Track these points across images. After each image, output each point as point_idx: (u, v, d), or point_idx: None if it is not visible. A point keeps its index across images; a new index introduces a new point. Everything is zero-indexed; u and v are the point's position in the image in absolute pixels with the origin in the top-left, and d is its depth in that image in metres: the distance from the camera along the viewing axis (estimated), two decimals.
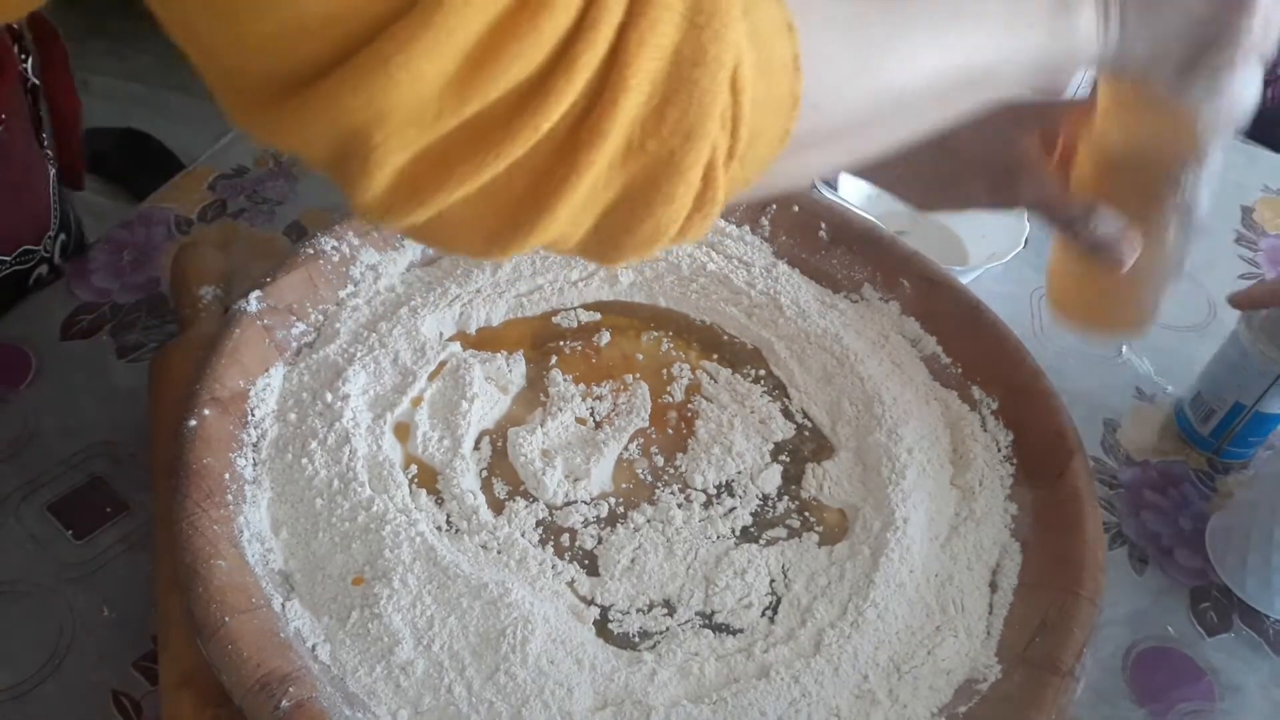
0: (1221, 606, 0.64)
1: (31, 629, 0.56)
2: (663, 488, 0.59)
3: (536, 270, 0.68)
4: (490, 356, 0.64)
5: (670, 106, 0.29)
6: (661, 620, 0.54)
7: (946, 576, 0.56)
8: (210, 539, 0.50)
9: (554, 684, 0.49)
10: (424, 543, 0.53)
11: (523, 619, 0.50)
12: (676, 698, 0.51)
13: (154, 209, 0.79)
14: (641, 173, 0.30)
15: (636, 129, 0.29)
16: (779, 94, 0.32)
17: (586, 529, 0.57)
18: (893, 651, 0.53)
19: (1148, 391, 0.75)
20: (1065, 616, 0.52)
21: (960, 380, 0.65)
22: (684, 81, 0.29)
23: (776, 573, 0.56)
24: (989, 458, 0.62)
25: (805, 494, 0.60)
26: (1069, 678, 0.50)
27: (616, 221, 0.31)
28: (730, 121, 0.30)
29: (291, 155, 0.52)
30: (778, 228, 0.72)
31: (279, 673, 0.46)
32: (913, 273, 0.68)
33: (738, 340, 0.68)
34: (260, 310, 0.60)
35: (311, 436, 0.57)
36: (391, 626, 0.50)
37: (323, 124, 0.26)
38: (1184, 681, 0.60)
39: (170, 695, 0.51)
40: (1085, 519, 0.56)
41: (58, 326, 0.70)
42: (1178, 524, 0.68)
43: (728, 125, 0.30)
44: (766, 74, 0.31)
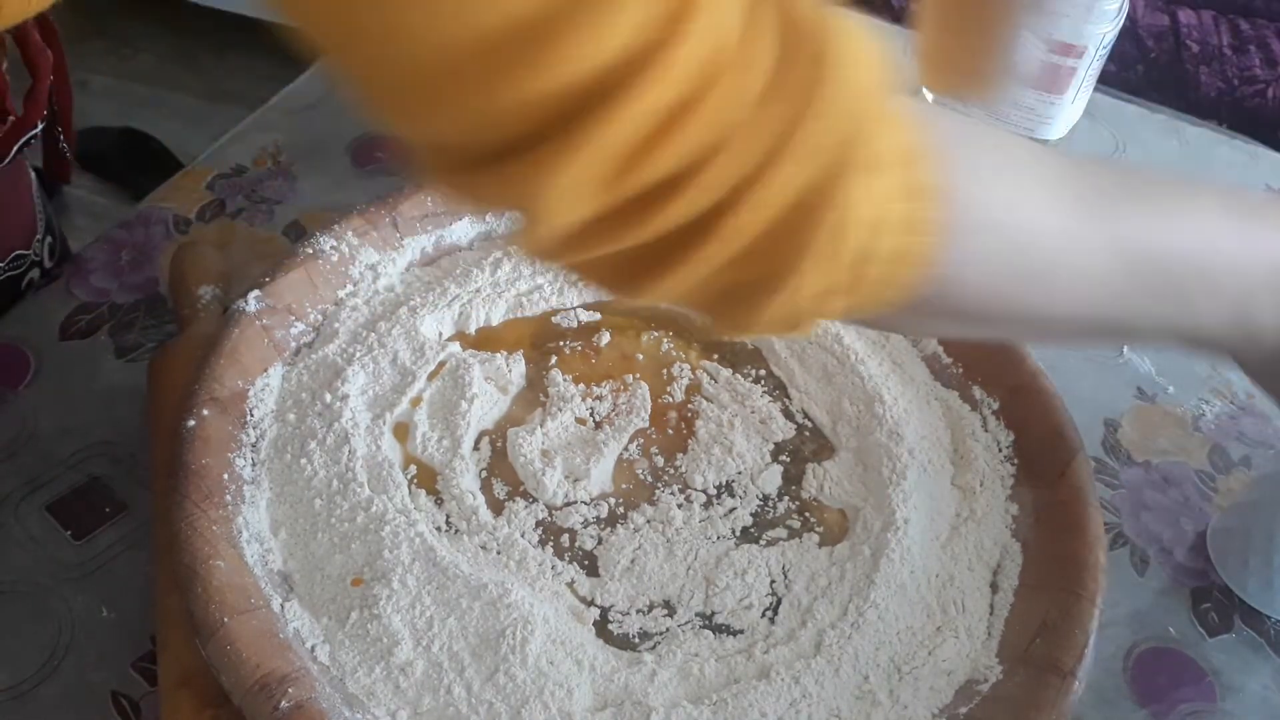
0: (1223, 607, 0.64)
1: (30, 629, 0.56)
2: (663, 488, 0.59)
3: (536, 270, 0.67)
4: (490, 356, 0.63)
5: (785, 237, 0.33)
6: (661, 621, 0.54)
7: (947, 577, 0.56)
8: (209, 539, 0.50)
9: (554, 685, 0.49)
10: (423, 543, 0.53)
11: (522, 619, 0.50)
12: (676, 698, 0.50)
13: (152, 209, 0.79)
14: (750, 277, 0.34)
15: (754, 243, 0.33)
16: (905, 255, 0.35)
17: (586, 529, 0.57)
18: (893, 652, 0.53)
19: (1149, 391, 0.75)
20: (1066, 617, 0.52)
21: (961, 380, 0.65)
22: (807, 218, 0.33)
23: (777, 573, 0.56)
24: (990, 458, 0.62)
25: (806, 494, 0.60)
26: (1070, 678, 0.50)
27: (733, 301, 0.36)
28: (847, 265, 0.34)
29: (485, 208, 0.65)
30: None
31: (278, 673, 0.46)
32: None
33: (738, 340, 0.68)
34: (259, 310, 0.60)
35: (310, 437, 0.57)
36: (391, 627, 0.50)
37: (508, 194, 0.33)
38: (1185, 682, 0.60)
39: (169, 696, 0.51)
40: (1086, 519, 0.56)
41: (56, 326, 0.70)
42: (1179, 524, 0.67)
43: (842, 265, 0.34)
44: (902, 232, 0.35)
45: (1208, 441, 0.73)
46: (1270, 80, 1.24)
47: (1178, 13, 1.28)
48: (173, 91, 1.97)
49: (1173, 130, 0.97)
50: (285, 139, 0.85)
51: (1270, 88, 1.24)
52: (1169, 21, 1.27)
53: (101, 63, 2.02)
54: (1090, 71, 0.82)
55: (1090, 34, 0.79)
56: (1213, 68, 1.26)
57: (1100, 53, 0.80)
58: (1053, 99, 0.83)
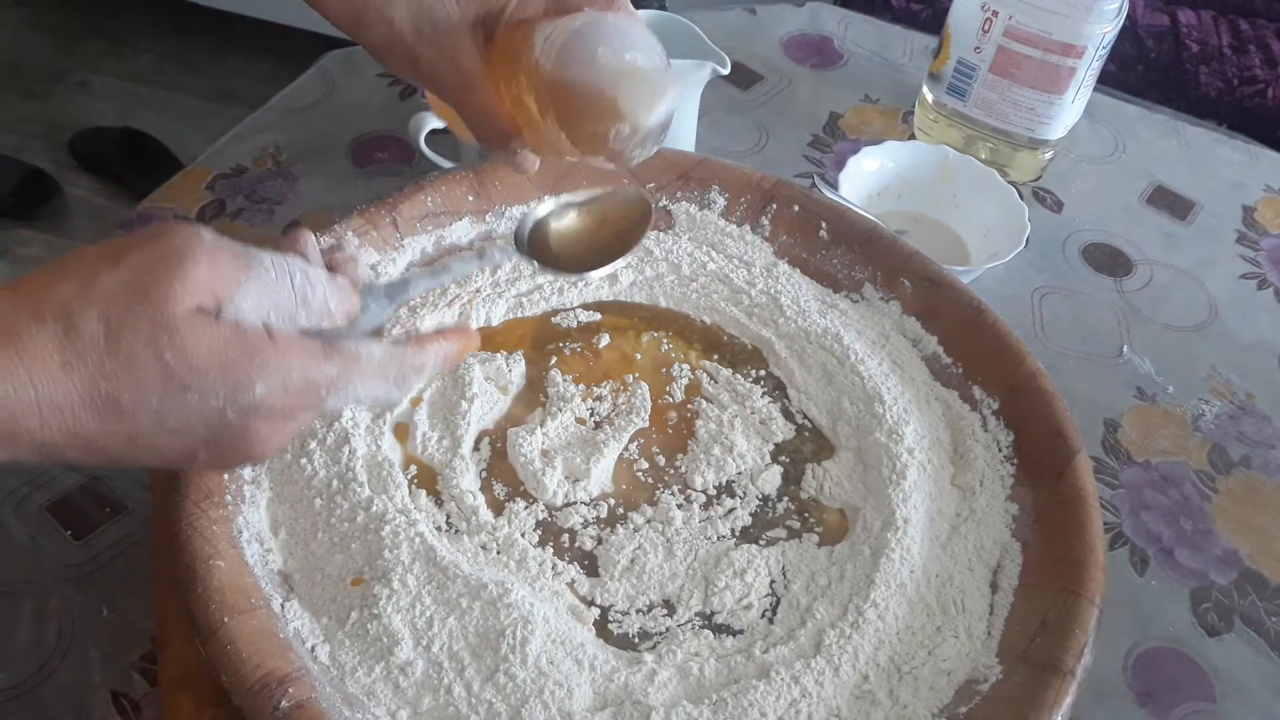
0: (1222, 607, 0.64)
1: (31, 629, 0.56)
2: (663, 488, 0.59)
3: (536, 270, 0.67)
4: (490, 356, 0.64)
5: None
6: (661, 621, 0.54)
7: (947, 577, 0.56)
8: (209, 539, 0.50)
9: (553, 684, 0.49)
10: (423, 543, 0.53)
11: (522, 619, 0.50)
12: (676, 698, 0.50)
13: (152, 208, 0.79)
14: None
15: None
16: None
17: (586, 529, 0.57)
18: (893, 652, 0.53)
19: (1148, 391, 0.75)
20: (1066, 617, 0.52)
21: (961, 380, 0.65)
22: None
23: (776, 573, 0.56)
24: (990, 458, 0.62)
25: (805, 494, 0.60)
26: (1070, 678, 0.50)
27: None
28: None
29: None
30: (778, 227, 0.72)
31: (278, 673, 0.46)
32: (913, 272, 0.68)
33: (738, 340, 0.68)
34: None
35: (310, 436, 0.57)
36: (391, 627, 0.50)
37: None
38: (1185, 682, 0.60)
39: (169, 695, 0.51)
40: (1086, 519, 0.56)
41: None
42: (1179, 524, 0.68)
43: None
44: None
45: (1207, 441, 0.73)
46: (1270, 80, 1.24)
47: (1178, 13, 1.28)
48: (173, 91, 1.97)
49: (1173, 130, 0.97)
50: (285, 139, 0.85)
51: (1270, 87, 1.24)
52: (1169, 21, 1.27)
53: (101, 63, 2.02)
54: (1090, 71, 0.82)
55: (1090, 34, 0.79)
56: (1213, 68, 1.26)
57: (1100, 53, 0.81)
58: (1053, 99, 0.83)
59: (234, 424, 0.37)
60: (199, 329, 0.35)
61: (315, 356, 0.38)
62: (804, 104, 0.95)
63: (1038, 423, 0.61)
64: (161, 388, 0.35)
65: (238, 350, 0.36)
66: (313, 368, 0.38)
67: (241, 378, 0.36)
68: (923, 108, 0.91)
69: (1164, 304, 0.82)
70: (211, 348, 0.36)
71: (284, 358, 0.37)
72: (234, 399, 0.36)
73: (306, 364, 0.38)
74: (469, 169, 0.69)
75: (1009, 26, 0.81)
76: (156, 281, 0.35)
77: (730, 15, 1.03)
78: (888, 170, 0.83)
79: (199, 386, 0.36)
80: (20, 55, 2.03)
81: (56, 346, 0.34)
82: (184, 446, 0.37)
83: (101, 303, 0.35)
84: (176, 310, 0.35)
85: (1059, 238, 0.86)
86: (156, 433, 0.36)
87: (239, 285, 0.37)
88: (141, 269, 0.35)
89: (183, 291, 0.35)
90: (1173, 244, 0.87)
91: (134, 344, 0.35)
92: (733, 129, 0.91)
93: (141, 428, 0.36)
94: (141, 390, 0.35)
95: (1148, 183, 0.92)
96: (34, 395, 0.34)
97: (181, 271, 0.35)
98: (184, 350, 0.35)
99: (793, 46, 1.01)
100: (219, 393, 0.36)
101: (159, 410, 0.36)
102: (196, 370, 0.35)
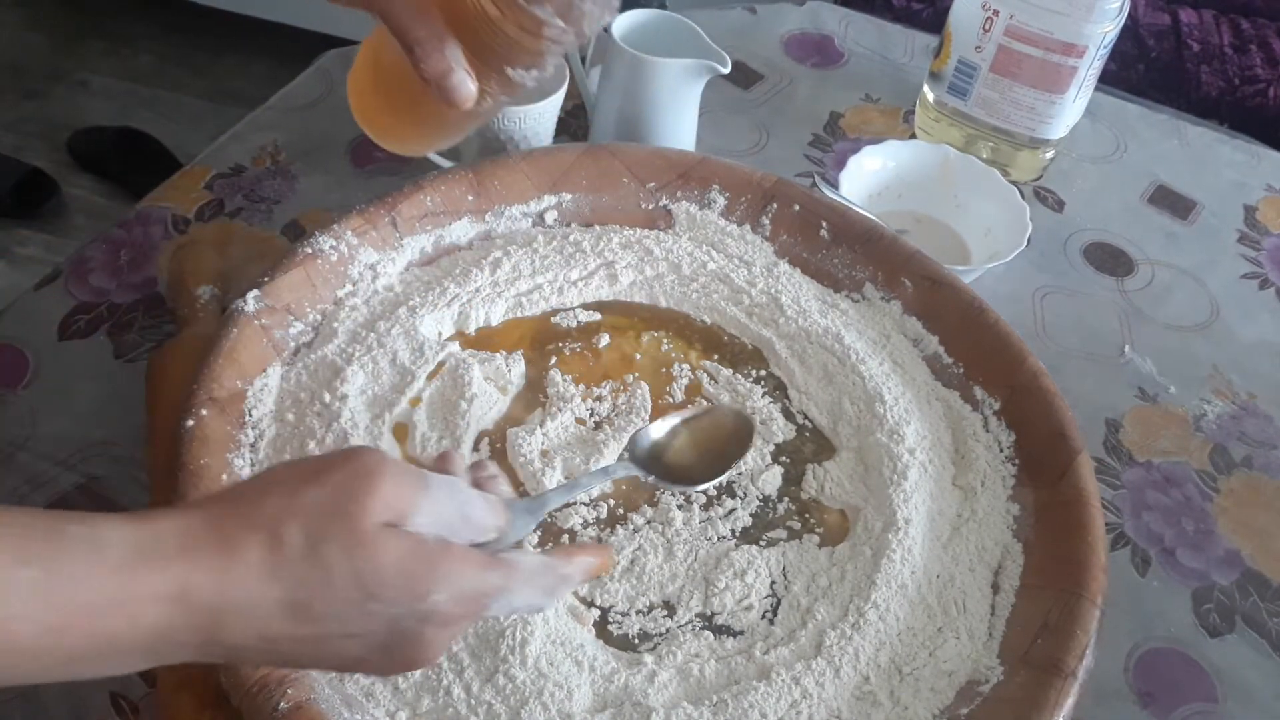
0: (1224, 607, 0.64)
1: None
2: (663, 489, 0.59)
3: (536, 270, 0.67)
4: (489, 356, 0.63)
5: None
6: (661, 622, 0.54)
7: (948, 577, 0.56)
8: None
9: (553, 685, 0.49)
10: None
11: (522, 620, 0.50)
12: (676, 699, 0.50)
13: (151, 208, 0.79)
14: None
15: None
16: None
17: (586, 530, 0.57)
18: (894, 653, 0.53)
19: (1150, 392, 0.75)
20: (1068, 618, 0.52)
21: (962, 380, 0.65)
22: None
23: (777, 574, 0.56)
24: (991, 458, 0.61)
25: (806, 495, 0.60)
26: (1071, 679, 0.50)
27: None
28: None
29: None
30: (779, 227, 0.71)
31: (277, 674, 0.46)
32: (914, 272, 0.68)
33: (738, 340, 0.68)
34: (258, 310, 0.60)
35: (309, 437, 0.57)
36: None
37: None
38: (1186, 683, 0.60)
39: (169, 697, 0.51)
40: (1088, 520, 0.56)
41: (55, 326, 0.70)
42: (1180, 525, 0.67)
43: None
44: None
45: (1209, 442, 0.73)
46: (1271, 80, 1.24)
47: (1179, 12, 1.28)
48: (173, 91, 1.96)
49: (1174, 130, 0.97)
50: (284, 139, 0.85)
51: (1271, 87, 1.24)
52: (1170, 21, 1.27)
53: (101, 63, 2.02)
54: (1091, 71, 0.81)
55: (1091, 33, 0.79)
56: (1214, 67, 1.25)
57: (1101, 52, 0.80)
58: (1053, 98, 0.83)
59: (410, 631, 0.40)
60: (388, 542, 0.38)
61: (483, 566, 0.41)
62: (804, 103, 0.95)
63: (1039, 423, 0.61)
64: (352, 596, 0.38)
65: (419, 561, 0.39)
66: (481, 577, 0.41)
67: (420, 587, 0.39)
68: (924, 107, 0.91)
69: (1165, 304, 0.82)
70: (398, 559, 0.38)
71: (457, 567, 0.40)
72: (413, 607, 0.39)
73: (476, 574, 0.41)
74: (468, 168, 0.69)
75: (1010, 26, 0.81)
76: (352, 498, 0.38)
77: (730, 14, 1.03)
78: (888, 170, 0.83)
79: (385, 595, 0.38)
80: (20, 55, 2.03)
81: (263, 556, 0.37)
82: (360, 651, 0.40)
83: (304, 516, 0.38)
84: (369, 525, 0.38)
85: (1060, 237, 0.86)
86: (340, 637, 0.39)
87: (416, 505, 0.40)
88: (339, 487, 0.38)
89: (374, 508, 0.38)
90: (1174, 244, 0.87)
91: (331, 555, 0.38)
92: (733, 128, 0.91)
93: (327, 633, 0.39)
94: (333, 598, 0.38)
95: (1149, 182, 0.92)
96: (241, 599, 0.37)
97: (373, 490, 0.38)
98: (374, 561, 0.38)
99: (793, 46, 1.01)
100: (401, 600, 0.39)
101: (344, 616, 0.38)
102: (384, 580, 0.38)
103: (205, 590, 0.36)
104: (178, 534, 0.37)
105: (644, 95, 0.76)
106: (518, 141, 0.75)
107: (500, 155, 0.71)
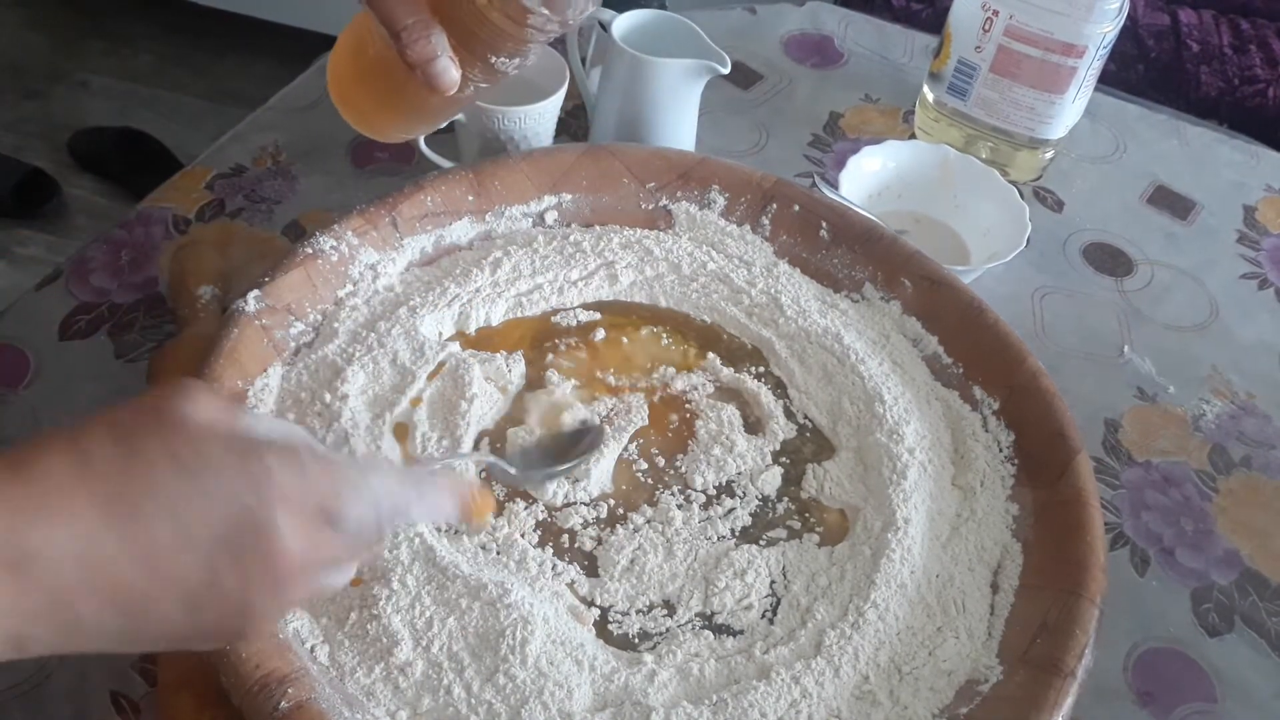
0: (1223, 607, 0.64)
1: None
2: (662, 489, 0.59)
3: (536, 270, 0.67)
4: (489, 356, 0.63)
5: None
6: (661, 621, 0.54)
7: (948, 577, 0.56)
8: None
9: (553, 685, 0.49)
10: (423, 543, 0.53)
11: (522, 620, 0.50)
12: (676, 698, 0.50)
13: (152, 208, 0.79)
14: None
15: None
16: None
17: (586, 530, 0.57)
18: (894, 652, 0.53)
19: (1149, 391, 0.75)
20: (1067, 617, 0.52)
21: (961, 380, 0.65)
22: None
23: (776, 573, 0.56)
24: (990, 458, 0.62)
25: (805, 494, 0.60)
26: (1070, 679, 0.50)
27: None
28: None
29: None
30: (779, 227, 0.71)
31: (278, 674, 0.46)
32: (914, 272, 0.68)
33: (738, 340, 0.68)
34: (258, 310, 0.60)
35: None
36: (390, 627, 0.50)
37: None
38: (1185, 682, 0.60)
39: (169, 696, 0.51)
40: (1087, 519, 0.56)
41: (56, 326, 0.70)
42: (1179, 525, 0.67)
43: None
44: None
45: (1208, 442, 0.73)
46: (1271, 80, 1.24)
47: (1178, 12, 1.28)
48: (173, 91, 1.97)
49: (1173, 130, 0.97)
50: (285, 139, 0.85)
51: (1271, 87, 1.24)
52: (1169, 21, 1.27)
53: (101, 63, 2.02)
54: (1090, 71, 0.82)
55: (1090, 34, 0.79)
56: (1213, 67, 1.25)
57: (1100, 52, 0.80)
58: (1053, 98, 0.83)
59: (260, 518, 0.36)
60: (209, 426, 0.36)
61: (325, 449, 0.39)
62: (804, 103, 0.95)
63: (1038, 423, 0.61)
64: (175, 480, 0.35)
65: (248, 442, 0.36)
66: (324, 455, 0.38)
67: (254, 464, 0.36)
68: (923, 107, 0.91)
69: (1165, 304, 0.82)
70: (223, 438, 0.36)
71: (296, 444, 0.37)
72: (249, 475, 0.36)
73: (319, 452, 0.38)
74: (468, 168, 0.69)
75: (1009, 26, 0.81)
76: (164, 400, 0.36)
77: (730, 15, 1.03)
78: (888, 170, 0.83)
79: (210, 469, 0.35)
80: (20, 55, 2.03)
81: (66, 467, 0.34)
82: (206, 559, 0.36)
83: (109, 426, 0.35)
84: (186, 416, 0.35)
85: (1059, 237, 0.86)
86: (177, 545, 0.35)
87: (242, 419, 0.37)
88: (147, 402, 0.36)
89: (191, 408, 0.36)
90: (1173, 244, 0.87)
91: (145, 443, 0.35)
92: (733, 129, 0.91)
93: (158, 538, 0.35)
94: (154, 485, 0.34)
95: (1148, 182, 0.92)
96: (47, 516, 0.33)
97: (187, 395, 0.36)
98: (195, 443, 0.35)
99: (793, 46, 1.01)
100: (236, 478, 0.36)
101: (175, 508, 0.35)
102: (207, 454, 0.35)
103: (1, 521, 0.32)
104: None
105: (644, 95, 0.77)
106: (518, 142, 0.75)
107: (500, 155, 0.72)
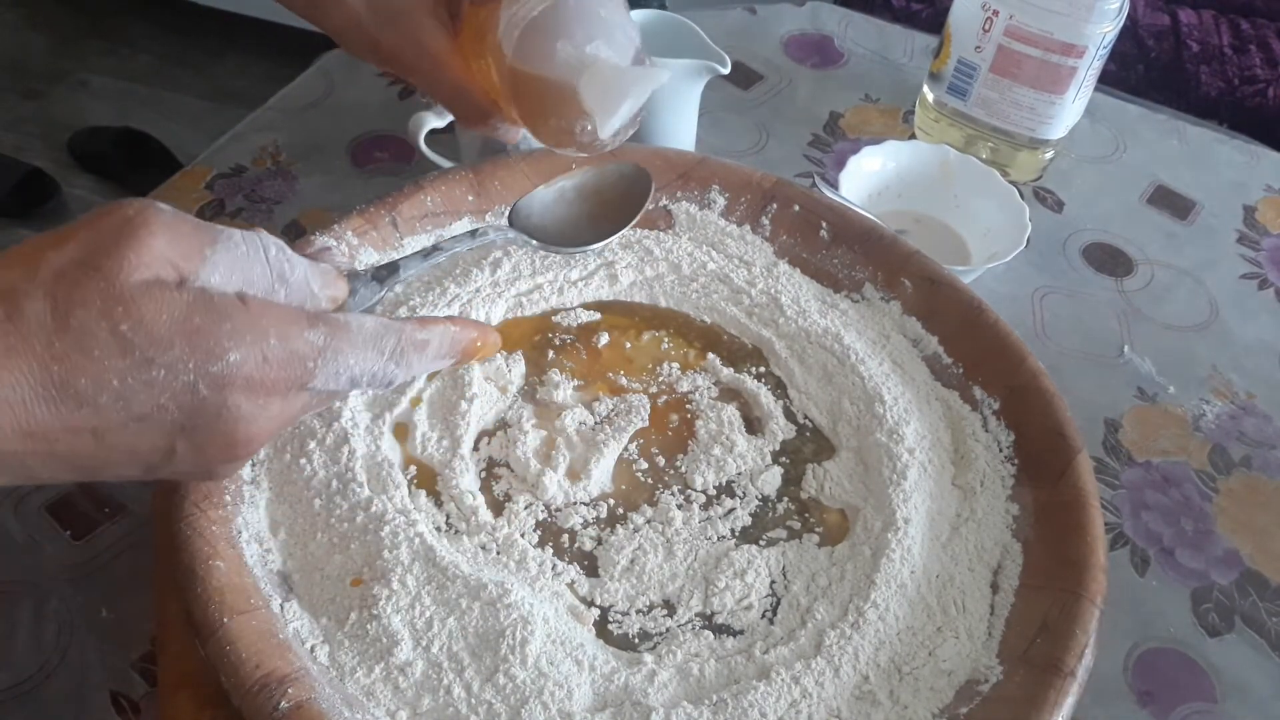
0: (1223, 607, 0.64)
1: (31, 629, 0.56)
2: (662, 488, 0.59)
3: (536, 270, 0.67)
4: (490, 356, 0.63)
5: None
6: (661, 621, 0.54)
7: (948, 577, 0.56)
8: (208, 540, 0.50)
9: (553, 685, 0.49)
10: (423, 543, 0.53)
11: (522, 620, 0.50)
12: (676, 699, 0.50)
13: None
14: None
15: None
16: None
17: (586, 530, 0.57)
18: (894, 652, 0.53)
19: (1149, 391, 0.75)
20: (1067, 617, 0.52)
21: (961, 380, 0.65)
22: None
23: (776, 574, 0.56)
24: (990, 458, 0.62)
25: (805, 494, 0.60)
26: (1071, 679, 0.50)
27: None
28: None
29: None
30: (779, 227, 0.72)
31: (278, 674, 0.46)
32: (914, 272, 0.68)
33: (738, 340, 0.68)
34: None
35: (310, 437, 0.57)
36: (390, 627, 0.50)
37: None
38: (1185, 682, 0.60)
39: (169, 696, 0.51)
40: (1087, 520, 0.56)
41: None
42: (1179, 524, 0.67)
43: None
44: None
45: (1208, 442, 0.73)
46: (1271, 80, 1.24)
47: (1178, 12, 1.28)
48: (173, 91, 1.97)
49: (1173, 130, 0.97)
50: (285, 139, 0.85)
51: (1271, 87, 1.24)
52: (1169, 21, 1.27)
53: (101, 63, 2.02)
54: (1090, 71, 0.82)
55: (1090, 34, 0.79)
56: (1213, 67, 1.25)
57: (1100, 52, 0.80)
58: (1053, 99, 0.83)
59: (210, 400, 0.33)
60: (157, 297, 0.32)
61: (297, 323, 0.35)
62: (804, 104, 0.95)
63: (1038, 423, 0.61)
64: (121, 365, 0.32)
65: (205, 316, 0.33)
66: (295, 334, 0.35)
67: (212, 345, 0.32)
68: (923, 107, 0.91)
69: (1165, 304, 0.82)
70: (173, 315, 0.32)
71: (260, 322, 0.34)
72: (205, 369, 0.33)
73: (287, 330, 0.34)
74: (469, 168, 0.69)
75: (1009, 26, 0.81)
76: (107, 254, 0.32)
77: (730, 15, 1.03)
78: (888, 170, 0.83)
79: (164, 359, 0.32)
80: (20, 55, 2.03)
81: (1, 335, 0.31)
82: (159, 440, 0.34)
83: (48, 282, 0.32)
84: (131, 279, 0.32)
85: (1060, 237, 0.86)
86: (124, 423, 0.33)
87: (204, 258, 0.33)
88: (91, 244, 0.32)
89: (137, 261, 0.32)
90: (1173, 244, 0.87)
91: (85, 319, 0.31)
92: (733, 129, 0.91)
93: (106, 419, 0.32)
94: (99, 371, 0.31)
95: (1148, 182, 0.92)
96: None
97: (135, 241, 0.32)
98: (142, 320, 0.32)
99: (793, 46, 1.01)
100: (187, 364, 0.32)
101: (122, 393, 0.32)
102: (158, 340, 0.32)
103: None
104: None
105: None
106: (518, 142, 0.75)
107: (500, 155, 0.72)
